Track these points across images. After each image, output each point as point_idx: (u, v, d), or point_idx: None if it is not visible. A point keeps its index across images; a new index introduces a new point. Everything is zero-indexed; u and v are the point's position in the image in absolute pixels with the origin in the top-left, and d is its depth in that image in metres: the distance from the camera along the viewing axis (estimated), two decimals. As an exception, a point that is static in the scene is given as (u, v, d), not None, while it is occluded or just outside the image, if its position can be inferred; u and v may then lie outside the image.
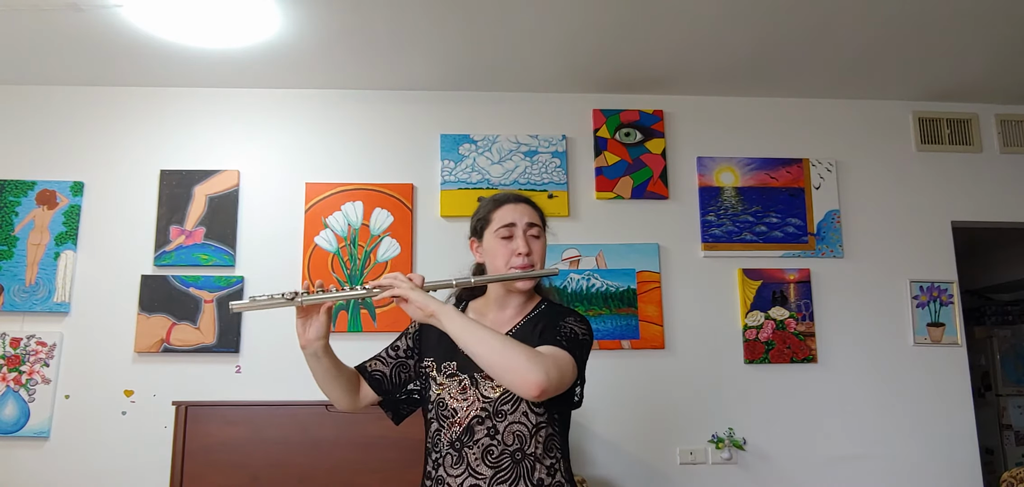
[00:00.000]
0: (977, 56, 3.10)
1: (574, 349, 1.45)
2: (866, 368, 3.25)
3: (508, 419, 1.46)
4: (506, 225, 1.59)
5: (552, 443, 1.49)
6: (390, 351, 1.69)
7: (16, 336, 3.04)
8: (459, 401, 1.51)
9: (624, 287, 3.21)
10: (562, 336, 1.47)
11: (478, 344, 1.37)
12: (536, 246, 1.61)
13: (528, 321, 1.59)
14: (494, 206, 1.65)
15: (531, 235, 1.61)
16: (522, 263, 1.57)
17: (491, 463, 1.45)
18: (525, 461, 1.45)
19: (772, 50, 3.05)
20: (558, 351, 1.42)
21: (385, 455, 2.69)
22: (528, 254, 1.58)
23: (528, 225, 1.60)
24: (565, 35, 2.91)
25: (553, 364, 1.37)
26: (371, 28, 2.84)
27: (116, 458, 2.96)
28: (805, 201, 3.37)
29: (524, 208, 1.63)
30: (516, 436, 1.46)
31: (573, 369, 1.43)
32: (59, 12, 2.68)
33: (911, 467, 3.17)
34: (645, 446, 3.12)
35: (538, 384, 1.31)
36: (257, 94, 3.33)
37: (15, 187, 3.16)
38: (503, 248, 1.59)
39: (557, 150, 3.33)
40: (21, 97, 3.26)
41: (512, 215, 1.61)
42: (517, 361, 1.33)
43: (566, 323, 1.51)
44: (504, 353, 1.35)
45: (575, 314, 1.57)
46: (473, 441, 1.47)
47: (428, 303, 1.43)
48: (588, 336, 1.53)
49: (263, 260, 3.17)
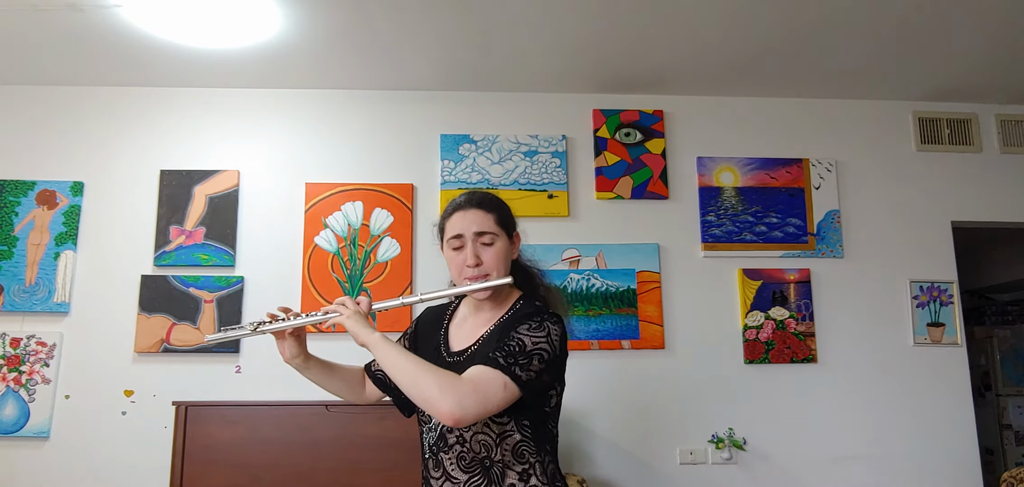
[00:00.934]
0: (977, 56, 3.10)
1: (513, 364, 1.37)
2: (866, 368, 3.25)
3: (473, 428, 1.45)
4: (455, 236, 1.55)
5: (522, 449, 1.46)
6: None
7: (16, 336, 3.04)
8: None
9: (624, 287, 3.21)
10: (504, 351, 1.39)
11: (399, 373, 1.37)
12: (487, 254, 1.53)
13: (499, 326, 1.53)
14: (446, 216, 1.60)
15: (482, 243, 1.53)
16: (473, 275, 1.52)
17: (465, 468, 1.46)
18: (494, 468, 1.45)
19: (772, 50, 3.05)
20: (484, 372, 1.36)
21: (385, 455, 2.70)
22: (478, 266, 1.52)
23: (476, 234, 1.53)
24: (565, 35, 2.91)
25: (471, 390, 1.32)
26: (371, 28, 2.84)
27: (116, 458, 2.96)
28: (805, 201, 3.37)
29: (474, 215, 1.55)
30: (482, 444, 1.46)
31: (503, 387, 1.35)
32: (59, 12, 2.68)
33: (911, 467, 3.17)
34: (645, 446, 3.12)
35: (450, 413, 1.30)
36: (257, 94, 3.33)
37: (15, 187, 3.16)
38: (455, 259, 1.56)
39: (557, 150, 3.33)
40: (21, 97, 3.26)
41: (459, 225, 1.55)
42: (429, 392, 1.32)
43: (516, 334, 1.42)
44: (417, 383, 1.34)
45: (533, 319, 1.45)
46: (447, 447, 1.48)
47: (359, 332, 1.44)
48: (544, 341, 1.42)
49: (263, 260, 3.17)
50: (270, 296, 3.11)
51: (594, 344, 3.15)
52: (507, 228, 1.59)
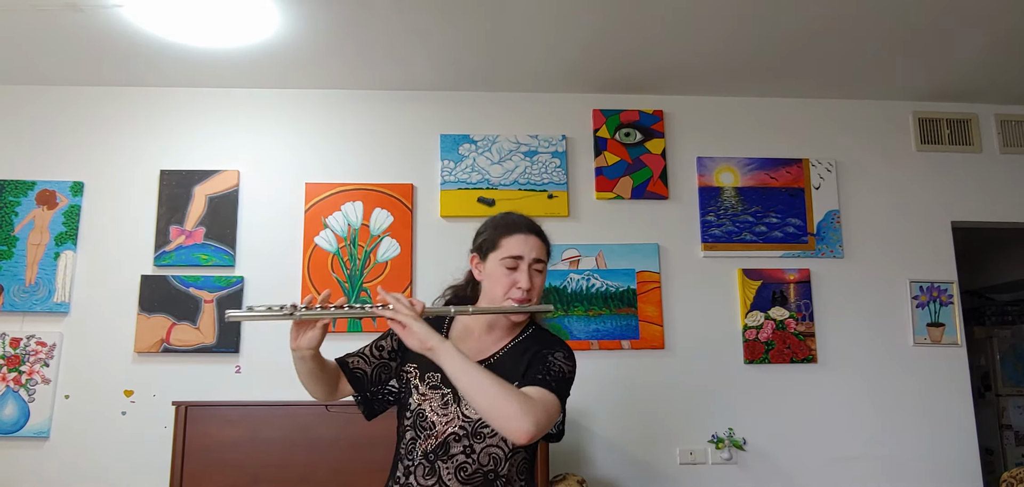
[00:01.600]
0: (977, 56, 3.10)
1: (561, 389, 1.46)
2: (866, 368, 3.25)
3: (486, 441, 1.48)
4: (513, 257, 1.58)
5: (524, 466, 1.52)
6: (374, 350, 1.67)
7: (16, 336, 3.04)
8: (439, 415, 1.51)
9: (624, 287, 3.21)
10: (551, 375, 1.46)
11: (473, 387, 1.38)
12: (537, 281, 1.60)
13: (515, 346, 1.58)
14: (505, 231, 1.62)
15: (535, 270, 1.59)
16: (521, 297, 1.56)
17: (463, 480, 1.46)
18: (497, 481, 1.47)
19: (772, 50, 3.05)
20: (547, 395, 1.42)
21: (385, 455, 2.66)
22: (529, 290, 1.57)
23: (534, 260, 1.59)
24: (565, 35, 2.91)
25: (542, 410, 1.37)
26: (371, 28, 2.84)
27: (116, 458, 2.96)
28: (805, 201, 3.37)
29: (534, 242, 1.61)
30: (492, 458, 1.47)
31: (558, 409, 1.43)
32: (59, 12, 2.68)
33: (911, 467, 3.17)
34: (645, 446, 3.12)
35: (527, 433, 1.33)
36: (257, 94, 3.33)
37: (15, 187, 3.16)
38: (505, 278, 1.57)
39: (557, 150, 3.33)
40: (21, 97, 3.26)
41: (521, 248, 1.59)
42: (510, 410, 1.34)
43: (555, 359, 1.49)
44: (499, 402, 1.35)
45: (563, 348, 1.55)
46: (448, 456, 1.48)
47: (429, 337, 1.42)
48: (573, 372, 1.52)
49: (263, 260, 3.17)
50: (270, 296, 3.11)
51: (594, 344, 3.15)
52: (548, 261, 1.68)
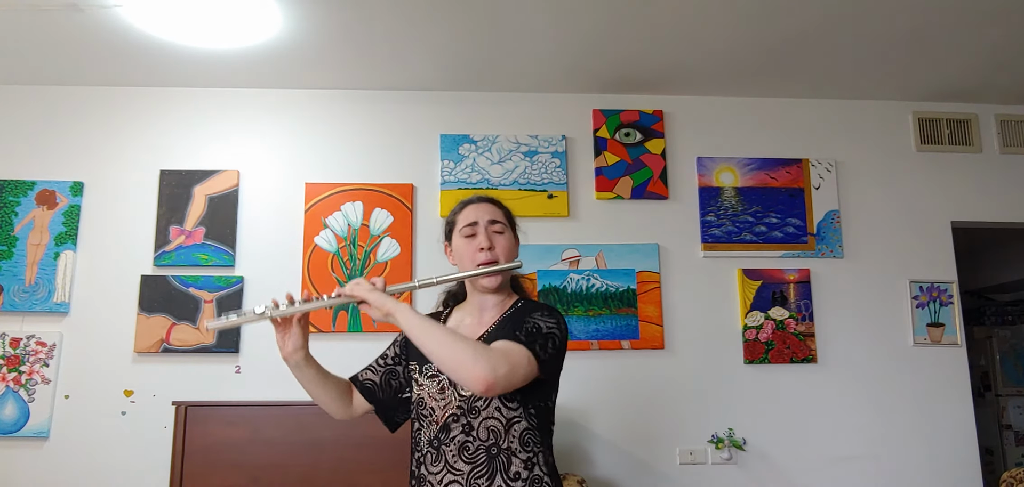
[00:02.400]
0: (977, 56, 3.10)
1: (533, 342, 1.45)
2: (866, 368, 3.25)
3: (482, 415, 1.49)
4: (469, 224, 1.63)
5: (528, 437, 1.50)
6: (379, 360, 1.73)
7: (16, 336, 3.04)
8: (437, 400, 1.54)
9: (624, 287, 3.21)
10: (523, 331, 1.47)
11: (429, 340, 1.40)
12: (499, 241, 1.63)
13: (503, 320, 1.60)
14: (460, 208, 1.69)
15: (494, 231, 1.63)
16: (485, 258, 1.60)
17: (467, 459, 1.47)
18: (500, 455, 1.47)
19: (772, 50, 3.05)
20: (510, 345, 1.43)
21: (385, 455, 2.69)
22: (490, 249, 1.60)
23: (490, 222, 1.64)
24: (565, 35, 2.91)
25: (502, 358, 1.38)
26: (371, 28, 2.84)
27: (116, 458, 2.96)
28: (805, 201, 3.37)
29: (486, 206, 1.67)
30: (490, 431, 1.48)
31: (528, 360, 1.42)
32: (59, 12, 2.68)
33: (911, 467, 3.17)
34: (645, 446, 3.12)
35: (483, 379, 1.33)
36: (257, 94, 3.33)
37: (15, 187, 3.16)
38: (467, 246, 1.63)
39: (557, 150, 3.33)
40: (21, 97, 3.26)
41: (474, 214, 1.65)
42: (463, 356, 1.35)
43: (531, 318, 1.52)
44: (451, 348, 1.37)
45: (544, 308, 1.56)
46: (450, 439, 1.49)
47: (384, 302, 1.46)
48: (554, 328, 1.51)
49: (263, 260, 3.17)
50: (270, 296, 3.10)
51: (594, 344, 3.15)
52: (512, 225, 1.71)
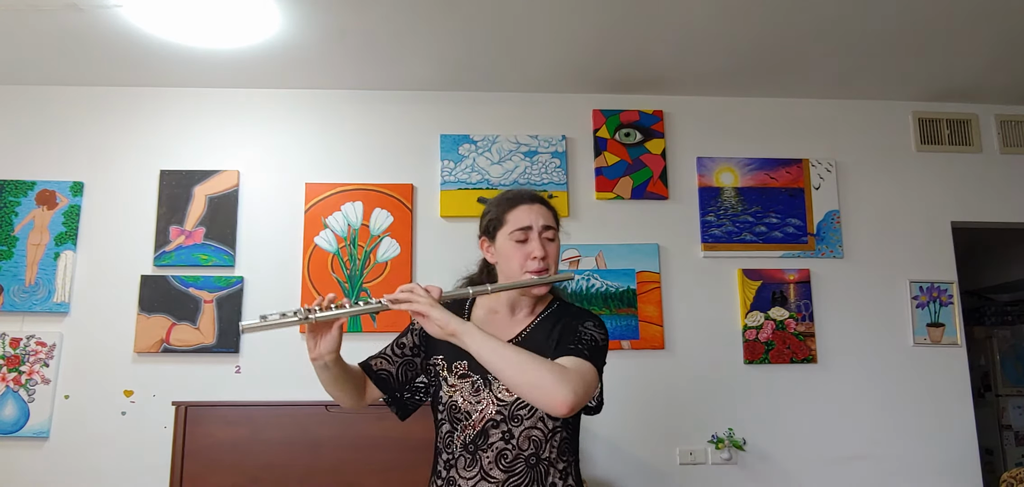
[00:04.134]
0: (977, 56, 3.10)
1: (596, 358, 1.42)
2: (866, 368, 3.25)
3: (524, 424, 1.44)
4: (522, 228, 1.55)
5: (566, 446, 1.48)
6: (396, 348, 1.63)
7: (16, 336, 3.04)
8: (472, 403, 1.48)
9: (624, 287, 3.21)
10: (583, 343, 1.42)
11: (503, 364, 1.34)
12: (551, 249, 1.56)
13: (542, 321, 1.55)
14: (508, 206, 1.59)
15: (546, 238, 1.56)
16: (537, 267, 1.52)
17: (505, 467, 1.43)
18: (540, 465, 1.44)
19: (772, 50, 3.05)
20: (582, 364, 1.38)
21: (385, 455, 2.70)
22: (544, 258, 1.53)
23: (544, 228, 1.56)
24: (565, 35, 2.91)
25: (579, 379, 1.33)
26: (371, 28, 2.84)
27: (116, 458, 2.96)
28: (805, 201, 3.37)
29: (540, 209, 1.58)
30: (532, 441, 1.44)
31: (596, 379, 1.39)
32: (59, 12, 2.68)
33: (911, 467, 3.17)
34: (645, 446, 3.12)
35: (567, 403, 1.29)
36: (257, 94, 3.33)
37: (15, 187, 3.16)
38: (518, 252, 1.54)
39: (557, 150, 3.33)
40: (21, 97, 3.26)
41: (528, 217, 1.56)
42: (545, 381, 1.30)
43: (586, 329, 1.46)
44: (531, 374, 1.31)
45: (593, 318, 1.51)
46: (487, 445, 1.45)
47: (449, 322, 1.38)
48: (606, 340, 1.48)
49: (263, 260, 3.17)
50: (270, 296, 3.11)
51: (594, 344, 3.15)
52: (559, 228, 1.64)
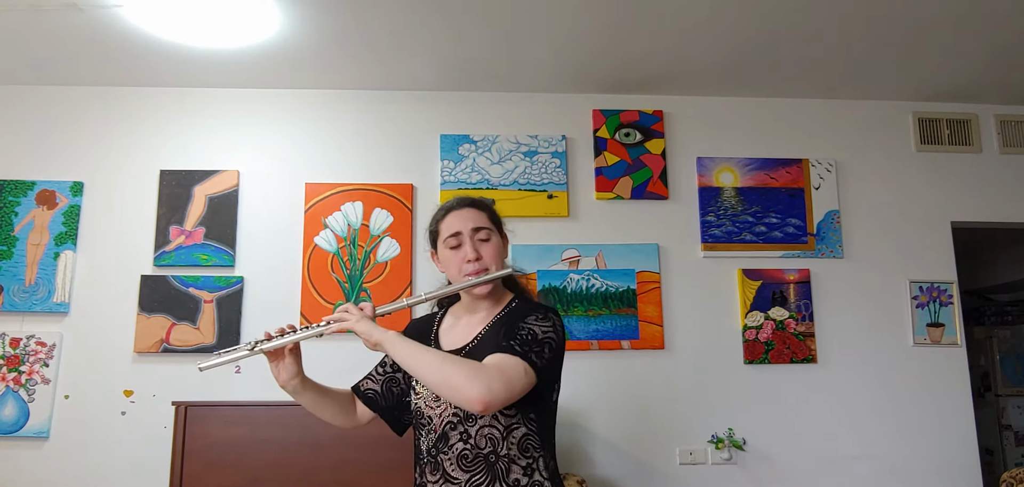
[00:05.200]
0: (977, 56, 3.10)
1: (529, 350, 1.42)
2: (866, 368, 3.25)
3: (478, 423, 1.46)
4: (453, 234, 1.59)
5: (528, 443, 1.48)
6: (379, 368, 1.72)
7: (16, 336, 3.04)
8: (433, 408, 1.52)
9: (624, 287, 3.21)
10: (517, 339, 1.43)
11: (419, 366, 1.39)
12: (486, 249, 1.59)
13: (496, 322, 1.57)
14: (441, 215, 1.64)
15: (479, 239, 1.59)
16: (473, 270, 1.56)
17: (466, 467, 1.45)
18: (499, 463, 1.45)
19: (772, 50, 3.05)
20: (505, 359, 1.39)
21: (385, 455, 2.69)
22: (478, 260, 1.57)
23: (474, 230, 1.59)
24: (565, 35, 2.91)
25: (497, 375, 1.35)
26: (371, 28, 2.84)
27: (116, 458, 2.96)
28: (805, 201, 3.37)
29: (468, 213, 1.61)
30: (488, 439, 1.45)
31: (524, 372, 1.39)
32: (59, 12, 2.68)
33: (911, 467, 3.17)
34: (645, 446, 3.12)
35: (481, 399, 1.31)
36: (257, 94, 3.33)
37: (15, 187, 3.16)
38: (454, 258, 1.59)
39: (557, 150, 3.33)
40: (21, 97, 3.26)
41: (456, 223, 1.60)
42: (457, 379, 1.34)
43: (525, 324, 1.47)
44: (442, 372, 1.36)
45: (539, 310, 1.52)
46: (448, 447, 1.47)
47: (371, 332, 1.47)
48: (551, 331, 1.47)
49: (263, 260, 3.17)
50: (270, 296, 3.12)
51: (594, 344, 3.15)
52: (498, 226, 1.66)
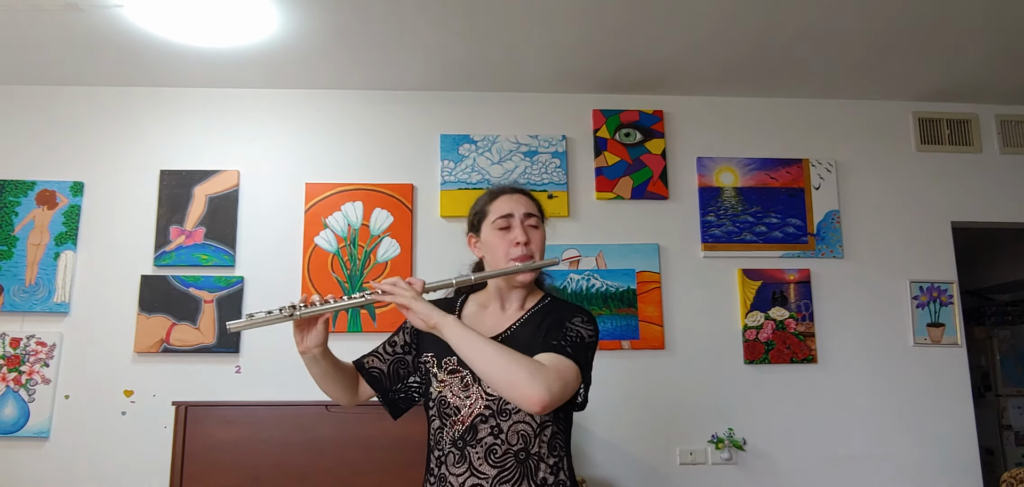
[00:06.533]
0: (977, 56, 3.10)
1: (580, 354, 1.41)
2: (866, 368, 3.25)
3: (512, 418, 1.44)
4: (503, 216, 1.56)
5: (556, 441, 1.47)
6: (387, 347, 1.65)
7: (16, 336, 3.04)
8: (461, 398, 1.48)
9: (624, 287, 3.21)
10: (568, 340, 1.42)
11: (479, 358, 1.35)
12: (535, 236, 1.57)
13: (531, 316, 1.55)
14: (490, 198, 1.62)
15: (529, 225, 1.57)
16: (521, 254, 1.53)
17: (494, 462, 1.42)
18: (529, 460, 1.43)
19: (772, 50, 3.05)
20: (561, 361, 1.38)
21: (385, 455, 2.69)
22: (527, 244, 1.54)
23: (525, 215, 1.57)
24: (565, 35, 2.91)
25: (556, 376, 1.34)
26: (371, 28, 2.84)
27: (116, 458, 2.96)
28: (805, 201, 3.37)
29: (520, 198, 1.60)
30: (520, 435, 1.43)
31: (577, 376, 1.39)
32: (59, 12, 2.68)
33: (911, 467, 3.17)
34: (645, 446, 3.12)
35: (541, 401, 1.29)
36: (257, 94, 3.33)
37: (15, 187, 3.16)
38: (501, 240, 1.55)
39: (557, 150, 3.33)
40: (21, 97, 3.26)
41: (509, 206, 1.58)
42: (519, 376, 1.31)
43: (573, 325, 1.46)
44: (506, 369, 1.32)
45: (582, 313, 1.51)
46: (476, 440, 1.44)
47: (430, 314, 1.40)
48: (594, 337, 1.48)
49: (263, 260, 3.17)
50: (270, 296, 3.11)
51: (594, 344, 3.15)
52: (544, 220, 1.64)
